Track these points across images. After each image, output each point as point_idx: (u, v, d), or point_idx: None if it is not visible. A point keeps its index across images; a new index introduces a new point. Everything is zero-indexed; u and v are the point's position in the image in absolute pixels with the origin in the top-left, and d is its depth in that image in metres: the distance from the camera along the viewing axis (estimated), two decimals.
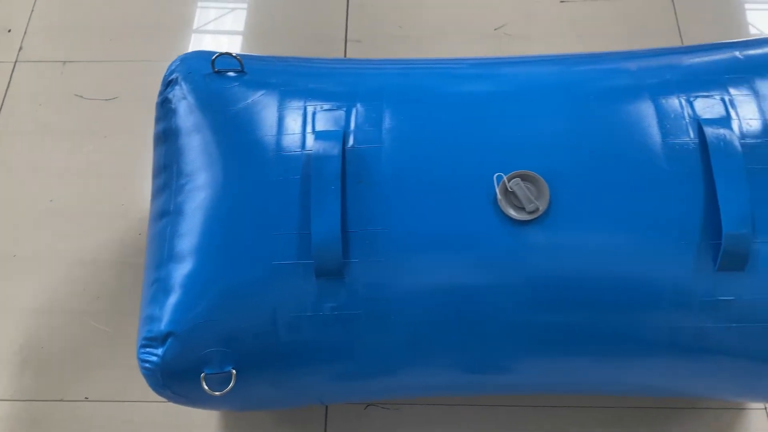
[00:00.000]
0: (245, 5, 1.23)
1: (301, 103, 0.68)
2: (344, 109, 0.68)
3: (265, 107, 0.68)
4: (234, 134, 0.68)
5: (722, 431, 0.86)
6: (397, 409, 0.87)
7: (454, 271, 0.63)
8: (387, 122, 0.66)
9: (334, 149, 0.64)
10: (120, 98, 1.12)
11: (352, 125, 0.67)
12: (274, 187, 0.65)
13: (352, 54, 1.16)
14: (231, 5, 1.23)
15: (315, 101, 0.68)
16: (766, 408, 0.87)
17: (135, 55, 1.16)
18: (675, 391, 0.78)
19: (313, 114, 0.67)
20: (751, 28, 1.18)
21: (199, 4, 1.23)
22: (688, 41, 1.14)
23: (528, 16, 1.17)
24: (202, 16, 1.22)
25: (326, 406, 0.87)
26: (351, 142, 0.66)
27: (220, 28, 1.21)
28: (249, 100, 0.69)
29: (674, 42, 1.14)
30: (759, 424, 0.86)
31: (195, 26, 1.20)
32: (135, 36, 1.18)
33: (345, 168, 0.64)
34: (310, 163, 0.64)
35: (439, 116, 0.68)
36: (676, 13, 1.17)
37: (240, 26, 1.21)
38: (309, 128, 0.67)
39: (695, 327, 0.64)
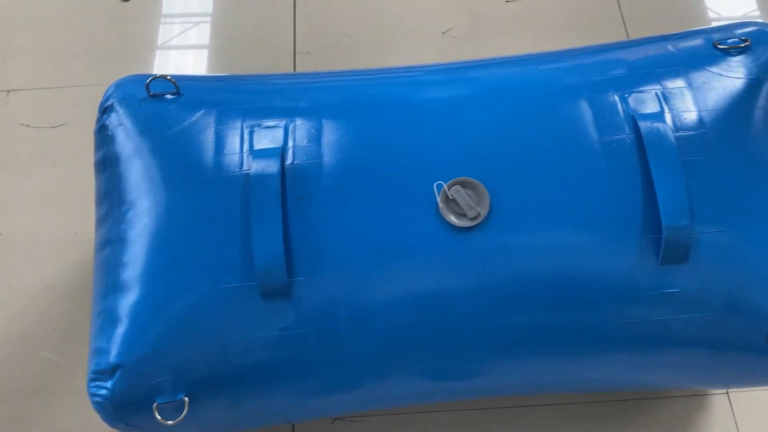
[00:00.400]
0: (209, 18, 1.22)
1: (238, 123, 0.67)
2: (282, 125, 0.67)
3: (203, 129, 0.67)
4: (172, 158, 0.67)
5: (687, 417, 0.87)
6: (363, 422, 0.87)
7: (400, 282, 0.63)
8: (326, 136, 0.66)
9: (273, 167, 0.63)
10: (67, 125, 1.10)
11: (291, 142, 0.66)
12: (215, 209, 0.64)
13: (301, 66, 1.15)
14: (195, 19, 1.22)
15: (253, 119, 0.68)
16: (727, 393, 0.88)
17: (86, 79, 1.14)
18: (639, 384, 0.78)
19: (251, 132, 0.67)
20: (693, 12, 1.19)
21: (162, 20, 1.22)
22: (633, 30, 1.15)
23: (474, 17, 1.18)
24: (165, 33, 1.20)
25: (293, 425, 0.86)
26: (290, 158, 0.65)
27: (185, 43, 1.20)
28: (186, 123, 0.68)
29: (619, 33, 1.15)
30: (721, 407, 0.87)
31: (159, 43, 1.19)
32: (87, 59, 1.16)
33: (285, 185, 0.63)
34: (249, 183, 0.63)
35: (378, 126, 0.67)
36: (619, 4, 1.18)
37: (205, 40, 1.20)
38: (247, 147, 0.66)
39: (646, 321, 0.64)
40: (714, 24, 1.17)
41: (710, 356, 0.68)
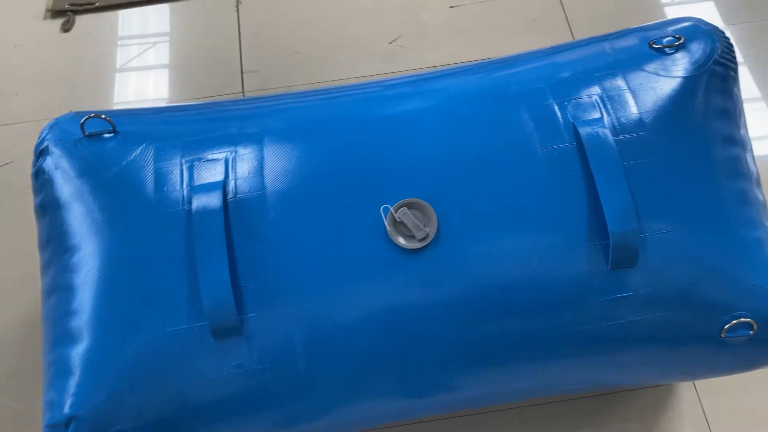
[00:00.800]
0: (167, 38, 1.20)
1: (178, 157, 0.66)
2: (224, 157, 0.65)
3: (142, 167, 0.66)
4: (113, 199, 0.65)
5: (656, 407, 0.88)
6: None
7: (354, 308, 0.62)
8: (269, 165, 0.65)
9: (215, 202, 0.62)
10: (15, 162, 1.07)
11: (233, 174, 0.65)
12: (159, 249, 0.62)
13: (249, 84, 1.14)
14: (153, 39, 1.20)
15: (193, 153, 0.66)
16: (693, 382, 0.89)
17: (34, 114, 1.11)
18: (605, 384, 0.79)
19: (191, 167, 0.65)
20: (634, 3, 1.21)
21: (119, 42, 1.20)
22: (577, 27, 1.16)
23: (420, 25, 1.18)
24: (124, 54, 1.19)
25: None
26: (233, 191, 0.64)
27: (144, 64, 1.18)
28: (124, 162, 0.66)
29: (564, 31, 1.16)
30: (688, 394, 0.89)
31: (118, 65, 1.17)
32: (34, 92, 1.14)
33: (229, 220, 0.62)
34: (192, 220, 0.62)
35: (322, 150, 0.66)
36: (561, 3, 1.19)
37: (165, 59, 1.18)
38: (189, 183, 0.64)
39: (603, 325, 0.64)
40: (665, 9, 1.19)
41: (670, 353, 0.68)
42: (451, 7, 1.19)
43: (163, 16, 1.23)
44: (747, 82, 1.12)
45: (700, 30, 0.72)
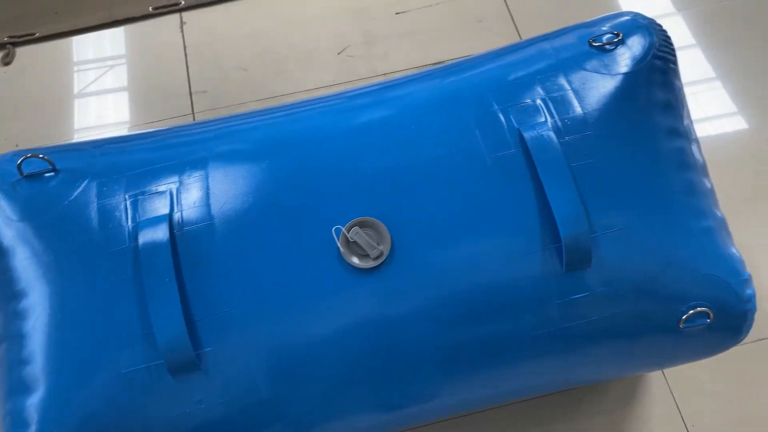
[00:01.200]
0: (124, 60, 1.18)
1: (122, 193, 0.64)
2: (168, 189, 0.64)
3: (85, 205, 0.64)
4: (58, 241, 0.63)
5: (630, 399, 0.89)
6: None
7: (313, 333, 0.61)
8: (215, 193, 0.63)
9: (162, 237, 0.60)
10: None
11: (179, 205, 0.63)
12: (108, 289, 0.61)
13: (199, 105, 1.12)
14: (110, 62, 1.18)
15: (137, 187, 0.65)
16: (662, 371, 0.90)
17: None
18: (578, 381, 0.79)
19: (135, 202, 0.63)
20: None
21: (76, 68, 1.17)
22: (523, 27, 1.17)
23: (367, 33, 1.17)
24: (81, 80, 1.16)
25: None
26: (180, 223, 0.62)
27: (103, 88, 1.16)
28: (66, 202, 0.64)
29: (510, 30, 1.17)
30: (659, 384, 0.90)
31: (76, 91, 1.15)
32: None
33: (177, 253, 0.61)
34: (139, 257, 0.60)
35: (269, 173, 0.65)
36: (506, 3, 1.19)
37: (123, 82, 1.16)
38: (134, 218, 0.63)
39: (564, 327, 0.65)
40: None
41: (633, 348, 0.69)
42: (396, 13, 1.19)
43: (118, 38, 1.21)
44: (701, 64, 1.14)
45: (637, 24, 0.72)
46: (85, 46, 1.20)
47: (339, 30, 1.18)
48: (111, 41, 1.21)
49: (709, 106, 1.09)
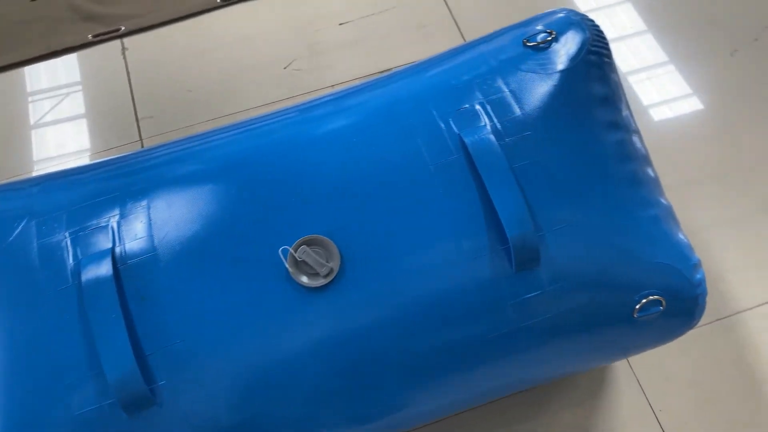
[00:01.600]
0: (80, 87, 1.15)
1: (62, 231, 0.63)
2: (109, 222, 0.63)
3: (25, 245, 0.62)
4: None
5: (596, 386, 0.90)
6: None
7: (267, 356, 0.60)
8: (156, 224, 0.62)
9: (105, 272, 0.59)
10: None
11: (120, 239, 0.62)
12: (54, 330, 0.59)
13: (146, 130, 1.11)
14: (64, 90, 1.15)
15: (78, 223, 0.63)
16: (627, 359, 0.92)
17: None
18: (543, 378, 0.80)
19: (76, 239, 0.62)
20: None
21: (30, 98, 1.15)
22: (466, 29, 1.18)
23: (312, 46, 1.17)
24: (36, 110, 1.13)
25: None
26: (123, 257, 0.61)
27: (60, 117, 1.13)
28: (4, 244, 0.62)
29: (454, 33, 1.17)
30: (624, 373, 0.91)
31: (32, 122, 1.12)
32: None
33: (122, 288, 0.60)
34: (83, 294, 0.59)
35: (212, 196, 0.64)
36: (448, 6, 1.20)
37: (81, 109, 1.14)
38: (75, 256, 0.61)
39: (522, 326, 0.65)
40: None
41: (591, 340, 0.69)
42: (340, 24, 1.19)
43: (72, 65, 1.19)
44: (654, 49, 1.16)
45: (570, 21, 0.73)
46: (38, 75, 1.18)
47: (284, 45, 1.17)
48: (64, 68, 1.18)
49: (665, 90, 1.11)
